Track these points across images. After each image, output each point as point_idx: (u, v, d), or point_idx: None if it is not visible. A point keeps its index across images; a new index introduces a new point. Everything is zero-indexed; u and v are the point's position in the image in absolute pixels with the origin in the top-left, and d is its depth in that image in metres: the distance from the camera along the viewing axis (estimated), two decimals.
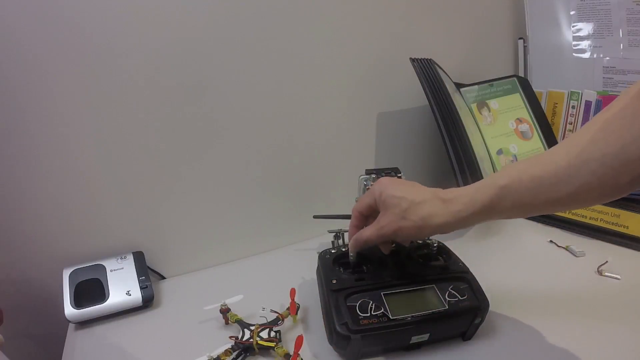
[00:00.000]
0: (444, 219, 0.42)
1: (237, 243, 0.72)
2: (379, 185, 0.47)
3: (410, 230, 0.44)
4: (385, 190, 0.46)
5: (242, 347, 0.48)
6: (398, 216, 0.44)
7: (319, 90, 0.72)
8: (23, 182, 0.55)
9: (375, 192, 0.47)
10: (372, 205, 0.48)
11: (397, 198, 0.44)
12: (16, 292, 0.58)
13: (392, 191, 0.45)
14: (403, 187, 0.46)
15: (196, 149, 0.64)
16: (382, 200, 0.46)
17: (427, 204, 0.43)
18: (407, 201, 0.44)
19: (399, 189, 0.45)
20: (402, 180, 0.50)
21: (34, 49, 0.51)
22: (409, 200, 0.44)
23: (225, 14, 0.60)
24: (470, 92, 0.83)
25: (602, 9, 0.85)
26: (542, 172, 0.38)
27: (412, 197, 0.44)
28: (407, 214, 0.43)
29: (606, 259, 0.62)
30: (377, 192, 0.46)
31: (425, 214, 0.43)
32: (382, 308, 0.46)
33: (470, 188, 0.43)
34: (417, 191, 0.45)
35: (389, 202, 0.45)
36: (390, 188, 0.46)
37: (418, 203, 0.43)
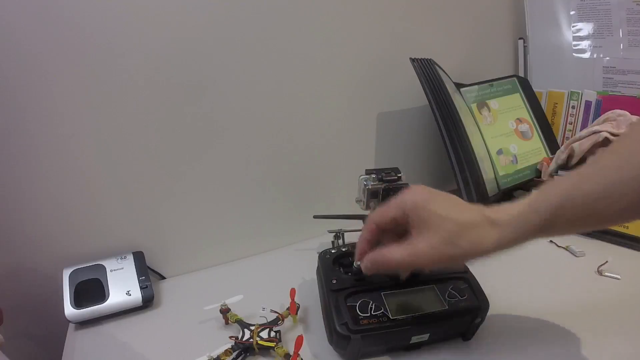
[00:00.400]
0: (495, 245, 0.37)
1: (237, 243, 0.71)
2: (412, 196, 0.40)
3: (457, 259, 0.38)
4: (424, 205, 0.38)
5: (242, 347, 0.48)
6: (444, 241, 0.36)
7: (319, 90, 0.72)
8: (23, 182, 0.55)
9: (407, 205, 0.39)
10: (398, 220, 0.40)
11: (442, 218, 0.37)
12: (16, 292, 0.58)
13: (434, 207, 0.38)
14: (446, 203, 0.39)
15: (196, 148, 0.64)
16: (418, 217, 0.38)
17: (476, 228, 0.37)
18: (454, 223, 0.37)
19: (442, 206, 0.38)
20: (441, 193, 0.40)
21: (34, 49, 0.51)
22: (457, 222, 0.37)
23: (225, 14, 0.60)
24: (470, 92, 0.83)
25: (602, 9, 0.85)
26: (593, 188, 0.35)
27: (459, 219, 0.37)
28: (455, 239, 0.36)
29: (606, 259, 0.62)
30: (410, 205, 0.39)
31: (475, 239, 0.37)
32: (382, 308, 0.46)
33: (520, 207, 0.38)
34: (463, 210, 0.38)
35: (431, 221, 0.37)
36: (431, 203, 0.38)
37: (467, 227, 0.37)
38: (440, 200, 0.39)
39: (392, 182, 0.58)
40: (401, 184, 0.59)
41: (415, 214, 0.38)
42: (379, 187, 0.58)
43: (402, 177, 0.59)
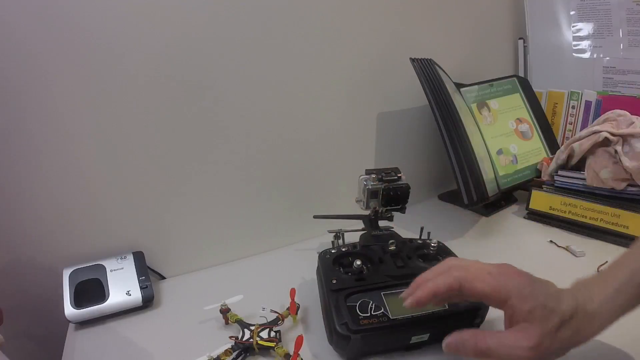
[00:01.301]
0: (590, 335, 0.36)
1: (237, 243, 0.72)
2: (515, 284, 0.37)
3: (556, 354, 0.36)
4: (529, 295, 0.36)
5: (242, 347, 0.48)
6: (549, 335, 0.35)
7: (320, 90, 0.72)
8: (23, 182, 0.55)
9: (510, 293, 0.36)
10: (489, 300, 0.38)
11: (549, 311, 0.35)
12: (16, 292, 0.58)
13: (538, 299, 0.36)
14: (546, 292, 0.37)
15: (196, 148, 0.64)
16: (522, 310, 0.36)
17: (575, 320, 0.35)
18: (557, 316, 0.35)
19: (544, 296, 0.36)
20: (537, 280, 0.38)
21: (34, 49, 0.51)
22: (560, 314, 0.35)
23: (226, 14, 0.60)
24: (470, 92, 0.83)
25: (602, 9, 0.85)
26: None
27: (561, 310, 0.35)
28: (559, 332, 0.35)
29: (606, 259, 0.61)
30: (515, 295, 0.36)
31: (576, 330, 0.35)
32: (382, 308, 0.46)
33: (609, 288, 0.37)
34: (561, 300, 0.36)
35: (536, 314, 0.35)
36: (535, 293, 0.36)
37: (569, 319, 0.35)
38: (541, 289, 0.37)
39: (392, 182, 0.58)
40: (401, 184, 0.59)
41: (520, 306, 0.36)
42: (379, 187, 0.58)
43: (402, 177, 0.59)
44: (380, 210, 0.61)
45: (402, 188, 0.58)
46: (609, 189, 0.68)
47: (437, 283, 0.38)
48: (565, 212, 0.73)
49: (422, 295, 0.38)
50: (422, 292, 0.38)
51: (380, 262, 0.53)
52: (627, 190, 0.66)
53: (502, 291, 0.37)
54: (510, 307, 0.36)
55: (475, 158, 0.67)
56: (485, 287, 0.37)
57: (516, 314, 0.36)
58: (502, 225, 0.79)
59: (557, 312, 0.35)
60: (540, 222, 0.77)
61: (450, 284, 0.38)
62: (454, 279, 0.38)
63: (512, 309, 0.36)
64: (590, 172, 0.69)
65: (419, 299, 0.38)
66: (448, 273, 0.39)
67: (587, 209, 0.71)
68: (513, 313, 0.36)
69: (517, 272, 0.38)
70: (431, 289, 0.38)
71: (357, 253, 0.56)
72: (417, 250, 0.56)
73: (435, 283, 0.38)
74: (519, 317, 0.36)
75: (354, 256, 0.54)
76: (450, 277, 0.38)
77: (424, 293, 0.38)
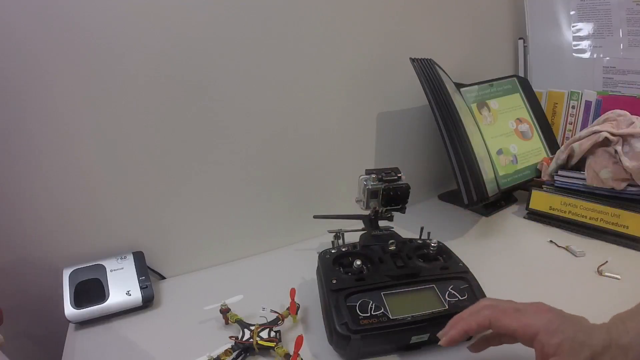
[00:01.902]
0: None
1: (237, 243, 0.72)
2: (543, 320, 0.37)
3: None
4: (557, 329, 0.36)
5: (242, 347, 0.48)
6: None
7: (320, 90, 0.72)
8: (23, 182, 0.55)
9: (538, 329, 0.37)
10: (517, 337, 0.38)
11: (576, 344, 0.35)
12: (16, 292, 0.58)
13: (566, 333, 0.36)
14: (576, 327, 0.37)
15: (196, 148, 0.64)
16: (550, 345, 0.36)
17: (608, 354, 0.35)
18: (588, 349, 0.35)
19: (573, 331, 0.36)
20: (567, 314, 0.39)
21: (34, 49, 0.51)
22: (591, 348, 0.35)
23: (225, 14, 0.60)
24: (470, 92, 0.83)
25: (602, 9, 0.85)
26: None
27: (592, 344, 0.35)
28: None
29: (606, 259, 0.62)
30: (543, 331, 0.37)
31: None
32: (382, 308, 0.46)
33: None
34: (592, 334, 0.36)
35: (565, 348, 0.35)
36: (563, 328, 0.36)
37: (601, 353, 0.35)
38: (571, 324, 0.37)
39: (392, 182, 0.58)
40: (401, 184, 0.59)
41: (548, 340, 0.36)
42: (379, 187, 0.58)
43: (402, 177, 0.59)
44: (380, 210, 0.61)
45: (402, 188, 0.58)
46: (609, 189, 0.68)
47: (469, 322, 0.40)
48: (565, 212, 0.73)
49: (455, 334, 0.40)
50: (455, 331, 0.41)
51: (380, 262, 0.53)
52: (627, 190, 0.66)
53: (529, 327, 0.37)
54: (539, 342, 0.36)
55: (475, 158, 0.67)
56: (512, 323, 0.38)
57: (545, 349, 0.36)
58: (502, 225, 0.79)
59: (588, 346, 0.35)
60: (540, 222, 0.77)
61: (480, 322, 0.40)
62: (484, 317, 0.40)
63: (541, 344, 0.36)
64: (590, 172, 0.69)
65: (452, 338, 0.41)
66: (479, 313, 0.40)
67: (587, 209, 0.71)
68: (542, 348, 0.36)
69: (548, 309, 0.39)
70: (463, 328, 0.40)
71: (357, 253, 0.56)
72: (417, 250, 0.56)
73: (467, 322, 0.40)
74: (549, 352, 0.36)
75: (354, 256, 0.54)
76: (480, 316, 0.40)
77: (456, 332, 0.40)
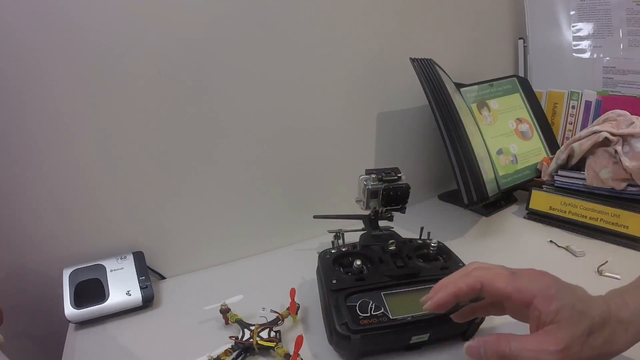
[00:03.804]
0: (624, 345, 0.33)
1: (237, 243, 0.72)
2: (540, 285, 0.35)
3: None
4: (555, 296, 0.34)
5: (242, 347, 0.48)
6: (578, 340, 0.32)
7: (319, 90, 0.72)
8: (23, 182, 0.55)
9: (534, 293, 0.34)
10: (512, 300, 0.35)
11: (574, 313, 0.33)
12: (16, 292, 0.58)
13: (564, 300, 0.33)
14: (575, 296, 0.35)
15: (196, 148, 0.64)
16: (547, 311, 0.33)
17: (606, 326, 0.33)
18: (588, 320, 0.32)
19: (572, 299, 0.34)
20: (566, 283, 0.36)
21: (34, 49, 0.51)
22: (590, 317, 0.33)
23: (226, 14, 0.60)
24: (470, 92, 0.83)
25: (602, 9, 0.85)
26: None
27: (591, 314, 0.33)
28: (589, 338, 0.32)
29: (606, 259, 0.62)
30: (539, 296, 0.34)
31: (608, 338, 0.33)
32: (382, 308, 0.46)
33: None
34: (592, 305, 0.34)
35: (563, 316, 0.32)
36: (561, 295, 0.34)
37: (600, 324, 0.33)
38: (569, 291, 0.35)
39: (392, 182, 0.58)
40: (401, 184, 0.59)
41: (546, 307, 0.33)
42: (379, 187, 0.58)
43: (402, 177, 0.59)
44: (380, 210, 0.61)
45: (402, 188, 0.58)
46: (609, 189, 0.68)
47: (458, 284, 0.36)
48: (565, 212, 0.74)
49: (443, 297, 0.36)
50: (444, 294, 0.37)
51: (380, 262, 0.53)
52: (627, 190, 0.66)
53: (525, 291, 0.34)
54: (535, 308, 0.34)
55: (475, 158, 0.67)
56: (507, 286, 0.35)
57: (542, 316, 0.33)
58: (502, 225, 0.79)
59: (587, 316, 0.33)
60: (540, 222, 0.77)
61: (472, 283, 0.36)
62: (475, 278, 0.36)
63: (537, 311, 0.33)
64: (590, 172, 0.69)
65: (438, 301, 0.37)
66: (469, 274, 0.37)
67: (587, 209, 0.71)
68: (539, 315, 0.33)
69: (543, 273, 0.36)
70: (452, 290, 0.36)
71: (357, 253, 0.56)
72: (417, 250, 0.56)
73: (455, 284, 0.37)
74: (545, 319, 0.33)
75: (354, 256, 0.54)
76: (471, 278, 0.36)
77: (445, 295, 0.36)
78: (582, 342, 0.32)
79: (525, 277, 0.36)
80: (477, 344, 0.34)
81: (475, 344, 0.34)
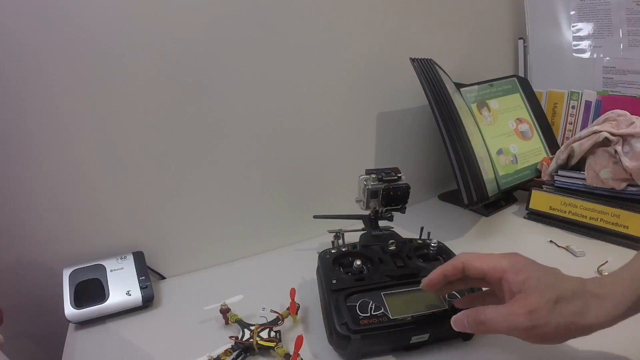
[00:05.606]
0: (596, 319, 0.35)
1: (237, 243, 0.72)
2: (511, 261, 0.39)
3: (557, 331, 0.35)
4: (524, 269, 0.38)
5: (242, 347, 0.48)
6: (546, 308, 0.35)
7: (319, 90, 0.72)
8: (23, 182, 0.55)
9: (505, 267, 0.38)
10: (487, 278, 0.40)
11: (543, 284, 0.36)
12: (16, 292, 0.58)
13: (534, 273, 0.37)
14: (546, 271, 0.38)
15: (196, 148, 0.64)
16: (516, 282, 0.37)
17: (579, 299, 0.35)
18: (555, 289, 0.35)
19: (542, 273, 0.37)
20: (539, 263, 0.40)
21: (34, 48, 0.51)
22: (559, 289, 0.36)
23: (225, 14, 0.60)
24: (470, 92, 0.83)
25: (602, 9, 0.85)
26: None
27: (561, 287, 0.36)
28: (557, 307, 0.35)
29: (606, 259, 0.62)
30: (510, 269, 0.38)
31: (578, 310, 0.35)
32: (382, 308, 0.46)
33: (623, 279, 0.37)
34: (564, 279, 0.38)
35: (531, 286, 0.36)
36: (530, 269, 0.38)
37: (569, 295, 0.35)
38: (540, 267, 0.39)
39: (392, 182, 0.58)
40: (401, 184, 0.59)
41: (514, 278, 0.37)
42: (379, 187, 0.58)
43: (402, 177, 0.59)
44: (380, 210, 0.61)
45: (402, 188, 0.59)
46: (609, 189, 0.68)
47: (445, 266, 0.43)
48: (565, 212, 0.74)
49: (433, 277, 0.43)
50: (434, 275, 0.43)
51: (380, 262, 0.53)
52: (627, 190, 0.66)
53: (497, 267, 0.39)
54: (505, 281, 0.38)
55: (475, 158, 0.67)
56: (483, 264, 0.40)
57: (511, 287, 0.37)
58: (502, 225, 0.79)
59: (554, 287, 0.36)
60: (540, 222, 0.77)
61: (455, 264, 0.42)
62: (458, 260, 0.42)
63: (507, 283, 0.38)
64: (590, 172, 0.69)
65: (430, 281, 0.43)
66: (455, 257, 0.43)
67: (587, 209, 0.71)
68: (509, 287, 0.37)
69: (516, 254, 0.41)
70: (440, 270, 0.43)
71: (357, 253, 0.56)
72: (417, 250, 0.56)
73: (443, 266, 0.43)
74: (514, 289, 0.37)
75: (354, 256, 0.54)
76: (455, 260, 0.42)
77: (434, 275, 0.43)
78: (549, 309, 0.35)
79: (500, 256, 0.40)
80: (461, 316, 0.39)
81: (460, 316, 0.39)
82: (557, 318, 0.35)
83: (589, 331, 0.35)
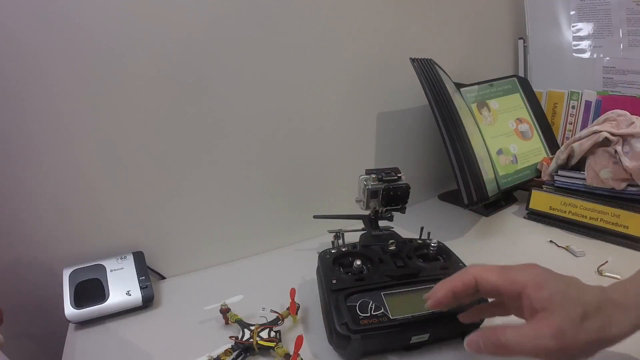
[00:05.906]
0: (621, 330, 0.33)
1: (237, 243, 0.72)
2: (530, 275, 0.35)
3: (585, 348, 0.32)
4: (545, 284, 0.34)
5: (242, 347, 0.48)
6: (572, 324, 0.32)
7: (319, 90, 0.72)
8: (23, 182, 0.55)
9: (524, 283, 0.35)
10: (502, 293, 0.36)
11: (566, 299, 0.33)
12: (16, 292, 0.58)
13: (556, 287, 0.34)
14: (567, 283, 0.35)
15: (197, 148, 0.64)
16: (538, 299, 0.33)
17: (603, 311, 0.33)
18: (579, 304, 0.33)
19: (564, 286, 0.34)
20: (558, 273, 0.36)
21: (34, 48, 0.51)
22: (583, 302, 0.33)
23: (225, 14, 0.60)
24: (470, 92, 0.83)
25: (602, 9, 0.85)
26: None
27: (584, 299, 0.33)
28: (583, 322, 0.32)
29: (606, 259, 0.62)
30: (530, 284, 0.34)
31: (604, 322, 0.33)
32: (382, 308, 0.46)
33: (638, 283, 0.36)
34: (585, 290, 0.35)
35: (554, 302, 0.33)
36: (551, 282, 0.34)
37: (594, 309, 0.33)
38: (562, 279, 0.35)
39: (392, 182, 0.58)
40: (401, 184, 0.59)
41: (536, 294, 0.34)
42: (379, 187, 0.58)
43: (402, 177, 0.59)
44: (380, 210, 0.61)
45: (402, 188, 0.59)
46: (609, 189, 0.68)
47: (454, 281, 0.38)
48: (565, 212, 0.74)
49: (441, 294, 0.38)
50: (441, 292, 0.38)
51: (380, 262, 0.53)
52: (627, 190, 0.66)
53: (516, 282, 0.35)
54: (526, 297, 0.34)
55: (475, 158, 0.67)
56: (497, 279, 0.36)
57: (534, 304, 0.33)
58: (502, 225, 0.79)
59: (580, 301, 0.33)
60: (540, 222, 0.77)
61: (466, 279, 0.37)
62: (469, 274, 0.38)
63: (529, 299, 0.34)
64: (590, 172, 0.69)
65: (438, 300, 0.38)
66: (465, 272, 0.38)
67: (587, 209, 0.71)
68: (531, 304, 0.34)
69: (532, 265, 0.37)
70: (448, 286, 0.38)
71: (357, 253, 0.56)
72: (417, 250, 0.56)
73: (452, 282, 0.38)
74: (537, 306, 0.33)
75: (354, 256, 0.54)
76: (466, 274, 0.38)
77: (442, 292, 0.38)
78: (577, 327, 0.32)
79: (516, 269, 0.36)
80: (475, 337, 0.35)
81: (474, 337, 0.35)
82: (584, 336, 0.32)
83: (611, 343, 0.33)
